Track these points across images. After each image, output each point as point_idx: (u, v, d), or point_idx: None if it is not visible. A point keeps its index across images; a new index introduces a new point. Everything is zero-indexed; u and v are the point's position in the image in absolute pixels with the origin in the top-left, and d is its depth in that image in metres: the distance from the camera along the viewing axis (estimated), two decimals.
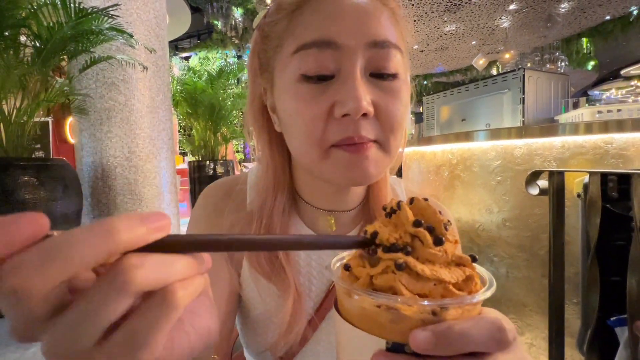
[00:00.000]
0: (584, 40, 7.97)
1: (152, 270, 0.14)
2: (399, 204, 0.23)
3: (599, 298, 0.80)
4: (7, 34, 1.95)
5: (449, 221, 0.23)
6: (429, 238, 0.21)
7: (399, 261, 0.20)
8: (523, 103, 1.98)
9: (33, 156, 2.75)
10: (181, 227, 3.20)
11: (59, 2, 1.95)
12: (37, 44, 2.03)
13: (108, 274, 0.13)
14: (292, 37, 0.35)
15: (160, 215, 0.15)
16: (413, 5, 6.18)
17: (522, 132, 1.17)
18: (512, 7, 6.35)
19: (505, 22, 7.05)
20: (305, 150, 0.36)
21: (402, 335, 0.19)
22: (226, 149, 5.52)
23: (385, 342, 0.19)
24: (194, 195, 3.87)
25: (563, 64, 7.71)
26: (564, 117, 2.08)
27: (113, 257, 0.13)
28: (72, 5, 1.95)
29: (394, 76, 0.35)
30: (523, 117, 1.99)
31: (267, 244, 0.21)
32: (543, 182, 0.94)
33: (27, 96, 2.08)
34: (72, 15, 1.95)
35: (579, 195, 0.90)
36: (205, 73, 5.11)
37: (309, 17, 0.34)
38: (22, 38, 2.08)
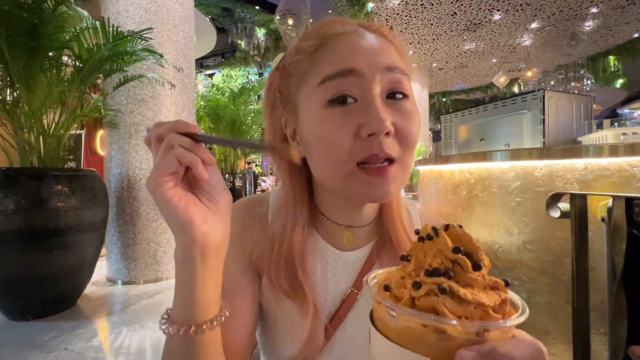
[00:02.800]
0: (611, 58, 7.75)
1: (173, 137, 0.33)
2: (435, 230, 0.24)
3: (627, 328, 0.76)
4: (51, 54, 2.13)
5: (481, 249, 0.24)
6: (468, 264, 0.22)
7: (443, 285, 0.21)
8: (543, 124, 1.94)
9: (66, 167, 2.91)
10: None
11: (99, 26, 2.12)
12: (77, 64, 2.20)
13: (165, 141, 0.32)
14: (314, 72, 0.39)
15: (194, 126, 0.34)
16: (432, 24, 6.25)
17: (543, 153, 1.15)
18: (534, 25, 6.30)
19: (526, 41, 6.98)
20: (332, 169, 0.39)
21: (447, 353, 0.20)
22: (245, 163, 5.64)
23: None
24: None
25: (589, 82, 7.50)
26: (587, 139, 2.02)
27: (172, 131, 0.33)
28: (110, 29, 2.11)
29: (406, 96, 0.40)
30: (543, 137, 1.95)
31: (222, 142, 0.38)
32: (564, 205, 0.92)
33: (65, 111, 2.24)
34: (110, 38, 2.11)
35: (603, 220, 0.87)
36: (228, 90, 5.32)
37: (330, 55, 0.39)
38: (64, 58, 2.26)
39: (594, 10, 5.75)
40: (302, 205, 0.46)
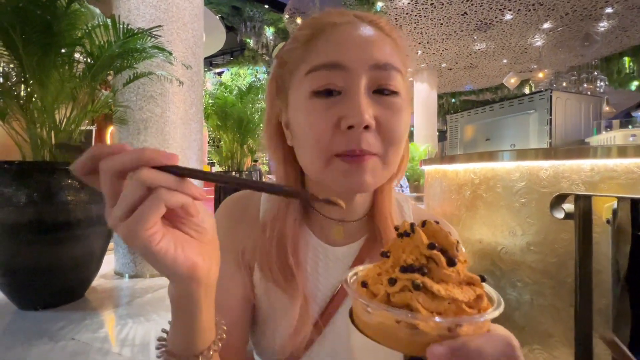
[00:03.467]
0: (626, 59, 7.58)
1: (151, 175, 0.24)
2: (412, 226, 0.25)
3: (630, 332, 0.75)
4: (63, 51, 2.18)
5: (458, 242, 0.24)
6: (442, 260, 0.22)
7: (417, 281, 0.21)
8: (550, 124, 1.91)
9: None
10: None
11: (110, 24, 2.16)
12: (89, 60, 2.24)
13: (133, 174, 0.24)
14: (305, 62, 0.40)
15: (173, 155, 0.26)
16: (442, 24, 6.20)
17: (549, 153, 1.14)
18: (546, 25, 6.20)
19: (538, 41, 6.87)
20: (312, 159, 0.40)
21: (420, 349, 0.20)
22: (251, 160, 5.67)
23: (402, 356, 0.21)
24: (219, 205, 4.01)
25: (602, 83, 7.35)
26: (595, 140, 1.98)
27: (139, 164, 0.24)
28: (121, 26, 2.14)
29: (395, 93, 0.39)
30: (550, 138, 1.92)
31: (231, 181, 0.29)
32: (569, 206, 0.91)
33: (77, 107, 2.29)
34: (121, 35, 2.15)
35: (608, 222, 0.86)
36: (236, 88, 5.36)
37: (321, 46, 0.39)
38: (76, 55, 2.31)
39: (609, 10, 5.63)
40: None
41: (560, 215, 0.90)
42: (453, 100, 11.31)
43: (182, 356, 0.32)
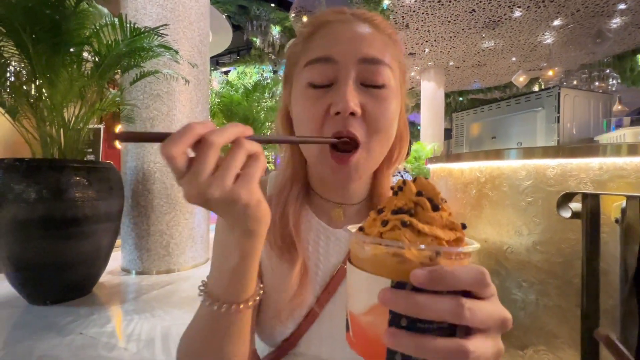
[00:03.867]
0: (639, 57, 7.40)
1: (251, 144, 0.28)
2: (404, 181, 0.28)
3: (637, 333, 0.73)
4: (72, 50, 2.21)
5: (444, 198, 0.28)
6: (428, 205, 0.26)
7: (404, 219, 0.25)
8: (558, 122, 1.87)
9: (85, 159, 3.01)
10: (211, 232, 3.33)
11: (117, 23, 2.19)
12: (97, 59, 2.27)
13: (237, 144, 0.28)
14: (304, 56, 0.44)
15: (249, 128, 0.30)
16: (449, 22, 6.13)
17: (556, 151, 1.12)
18: (556, 22, 6.08)
19: (548, 39, 6.75)
20: (310, 151, 0.45)
21: (405, 275, 0.23)
22: None
23: (390, 282, 0.24)
24: None
25: (614, 82, 7.19)
26: (605, 138, 1.93)
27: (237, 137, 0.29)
28: (128, 25, 2.17)
29: (382, 86, 0.42)
30: (558, 136, 1.88)
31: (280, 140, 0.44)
32: (576, 205, 0.89)
33: (85, 105, 2.32)
34: (128, 34, 2.17)
35: (617, 221, 0.84)
36: (242, 87, 5.38)
37: (318, 41, 0.44)
38: (84, 54, 2.34)
39: (622, 6, 5.50)
40: (297, 179, 0.51)
41: (567, 214, 0.88)
42: (460, 99, 11.19)
43: (227, 301, 0.35)
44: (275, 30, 8.17)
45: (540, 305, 1.11)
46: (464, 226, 0.27)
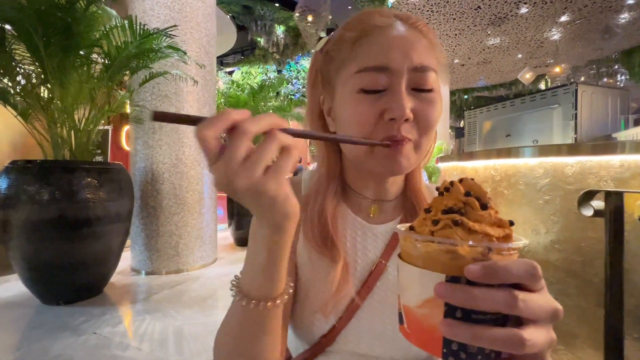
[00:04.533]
0: None
1: (284, 136, 0.28)
2: (452, 182, 0.29)
3: None
4: (82, 52, 2.23)
5: (491, 198, 0.29)
6: (477, 204, 0.27)
7: (456, 219, 0.26)
8: (575, 119, 1.85)
9: (94, 160, 3.04)
10: (219, 232, 3.34)
11: (127, 25, 2.20)
12: (106, 61, 2.29)
13: (270, 135, 0.28)
14: (354, 61, 0.45)
15: (284, 121, 0.29)
16: (455, 19, 6.08)
17: (575, 149, 1.10)
18: (563, 18, 6.01)
19: (555, 35, 6.67)
20: (356, 145, 0.46)
21: (459, 270, 0.25)
22: None
23: (445, 276, 0.25)
24: (231, 202, 4.03)
25: (623, 77, 7.09)
26: (623, 135, 1.91)
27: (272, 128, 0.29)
28: (137, 27, 2.18)
29: (430, 90, 0.45)
30: (575, 133, 1.86)
31: (322, 137, 0.41)
32: (598, 203, 0.88)
33: (95, 107, 2.34)
34: (137, 36, 2.18)
35: None
36: (248, 87, 5.38)
37: (368, 47, 0.45)
38: (94, 56, 2.36)
39: (630, 1, 5.41)
40: (333, 176, 0.52)
41: (589, 212, 0.87)
42: (465, 96, 11.11)
43: (259, 297, 0.36)
44: (280, 30, 8.17)
45: (560, 304, 1.10)
46: (511, 223, 0.28)
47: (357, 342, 0.48)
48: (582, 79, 7.40)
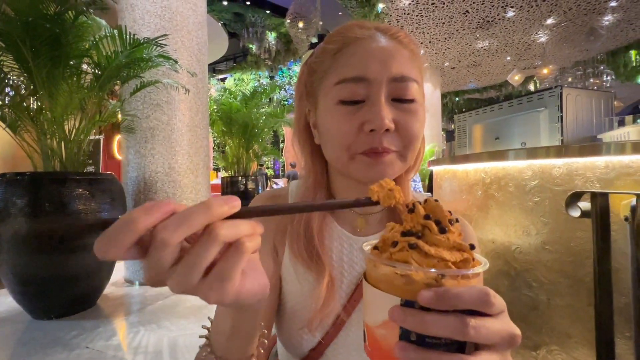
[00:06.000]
0: (633, 52, 7.48)
1: (230, 229, 0.22)
2: (414, 204, 0.30)
3: None
4: (72, 63, 2.21)
5: (456, 219, 0.29)
6: (435, 227, 0.27)
7: (412, 242, 0.27)
8: (561, 121, 1.89)
9: (85, 171, 3.00)
10: None
11: (116, 35, 2.19)
12: (97, 71, 2.28)
13: (206, 232, 0.22)
14: (334, 73, 0.45)
15: (234, 198, 0.24)
16: (444, 23, 6.18)
17: (562, 151, 1.12)
18: (549, 21, 6.15)
19: (542, 37, 6.81)
20: (338, 155, 0.45)
21: (413, 295, 0.25)
22: (257, 165, 5.69)
23: (400, 300, 0.25)
24: None
25: (609, 78, 7.26)
26: (608, 136, 1.95)
27: (209, 222, 0.22)
28: (127, 36, 2.17)
29: (411, 101, 0.44)
30: (562, 135, 1.90)
31: (297, 208, 0.30)
32: (585, 204, 0.89)
33: (85, 117, 2.32)
34: (127, 46, 2.18)
35: (626, 219, 0.84)
36: (240, 93, 5.39)
37: (348, 59, 0.44)
38: (84, 66, 2.34)
39: (614, 3, 5.57)
40: (320, 187, 0.51)
41: (576, 213, 0.88)
42: (457, 99, 11.26)
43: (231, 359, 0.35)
44: (271, 37, 8.22)
45: (552, 305, 1.11)
46: (472, 247, 0.28)
47: (347, 355, 0.48)
48: (569, 80, 7.55)
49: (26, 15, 1.88)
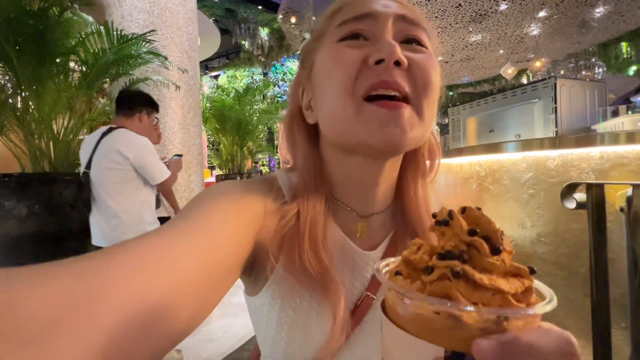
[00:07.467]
0: (623, 44, 7.54)
1: None
2: (450, 213, 0.22)
3: None
4: (58, 60, 2.16)
5: (502, 231, 0.22)
6: (485, 247, 0.20)
7: (456, 268, 0.19)
8: (555, 112, 1.89)
9: (76, 171, 2.95)
10: None
11: (103, 31, 2.14)
12: (84, 69, 2.22)
13: None
14: (333, 24, 0.39)
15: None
16: (437, 17, 6.16)
17: (556, 142, 1.12)
18: (541, 14, 6.15)
19: (534, 30, 6.82)
20: (339, 106, 0.36)
21: (463, 344, 0.18)
22: (252, 162, 5.66)
23: (444, 351, 0.19)
24: None
25: (600, 70, 7.30)
26: (602, 127, 1.95)
27: None
28: (114, 32, 2.12)
29: (424, 46, 0.37)
30: (556, 127, 1.90)
31: None
32: (580, 195, 0.89)
33: (74, 116, 2.27)
34: (115, 42, 2.13)
35: (622, 210, 0.84)
36: (233, 90, 5.34)
37: (349, 8, 0.38)
38: (71, 64, 2.29)
39: None
40: (321, 183, 0.42)
41: (571, 205, 0.88)
42: (451, 93, 11.28)
43: None
44: (264, 33, 8.14)
45: None
46: (532, 271, 0.21)
47: None
48: (562, 72, 7.59)
49: (8, 12, 1.83)
